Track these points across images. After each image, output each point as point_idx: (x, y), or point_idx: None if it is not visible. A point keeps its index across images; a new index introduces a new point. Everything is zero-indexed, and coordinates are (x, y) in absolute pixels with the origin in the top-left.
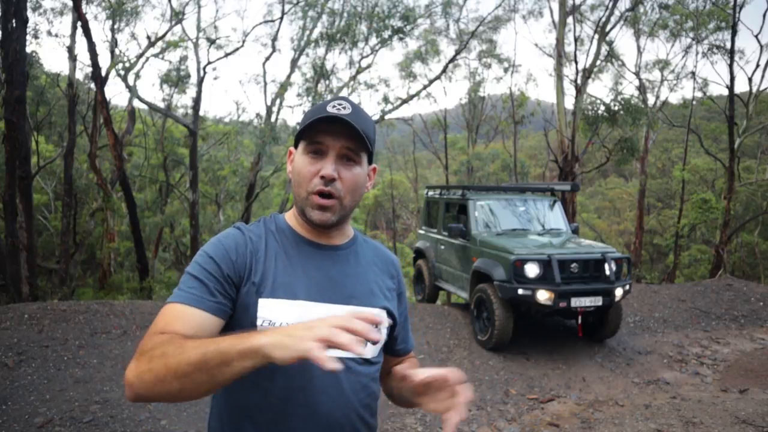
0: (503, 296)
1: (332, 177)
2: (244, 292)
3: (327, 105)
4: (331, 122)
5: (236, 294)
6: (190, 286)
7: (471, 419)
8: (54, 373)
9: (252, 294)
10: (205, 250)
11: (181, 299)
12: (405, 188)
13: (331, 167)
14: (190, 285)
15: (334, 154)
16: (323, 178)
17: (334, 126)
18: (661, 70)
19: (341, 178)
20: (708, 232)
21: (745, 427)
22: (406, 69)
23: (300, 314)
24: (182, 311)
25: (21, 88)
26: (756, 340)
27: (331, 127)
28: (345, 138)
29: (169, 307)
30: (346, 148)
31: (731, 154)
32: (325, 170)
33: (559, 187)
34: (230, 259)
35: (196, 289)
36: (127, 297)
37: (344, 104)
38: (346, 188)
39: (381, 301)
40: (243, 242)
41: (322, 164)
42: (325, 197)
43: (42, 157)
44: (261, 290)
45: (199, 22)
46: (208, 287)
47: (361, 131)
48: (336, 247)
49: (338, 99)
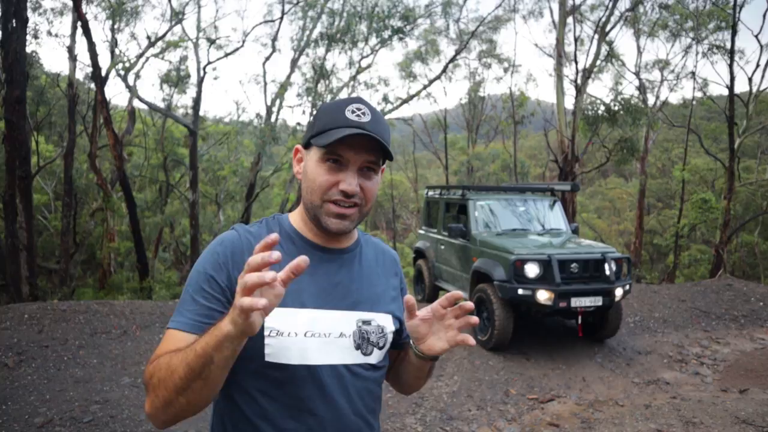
0: (503, 296)
1: (355, 192)
2: None
3: (345, 109)
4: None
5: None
6: (188, 308)
7: (471, 419)
8: (54, 373)
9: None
10: (202, 264)
11: (180, 326)
12: (405, 188)
13: (354, 183)
14: (189, 308)
15: (355, 168)
16: (344, 192)
17: (357, 138)
18: (661, 70)
19: (362, 189)
20: (708, 232)
21: (745, 427)
22: (406, 69)
23: (308, 322)
24: (181, 339)
25: (21, 88)
26: (756, 340)
27: (354, 140)
28: (367, 152)
29: (169, 333)
30: (368, 161)
31: (731, 154)
32: (349, 186)
33: (559, 187)
34: (227, 270)
35: (194, 313)
36: (127, 297)
37: (363, 109)
38: (367, 197)
39: (387, 306)
40: (240, 248)
41: (342, 176)
42: (344, 206)
43: (42, 157)
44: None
45: (199, 22)
46: (206, 309)
47: (384, 143)
48: (343, 251)
49: (356, 102)
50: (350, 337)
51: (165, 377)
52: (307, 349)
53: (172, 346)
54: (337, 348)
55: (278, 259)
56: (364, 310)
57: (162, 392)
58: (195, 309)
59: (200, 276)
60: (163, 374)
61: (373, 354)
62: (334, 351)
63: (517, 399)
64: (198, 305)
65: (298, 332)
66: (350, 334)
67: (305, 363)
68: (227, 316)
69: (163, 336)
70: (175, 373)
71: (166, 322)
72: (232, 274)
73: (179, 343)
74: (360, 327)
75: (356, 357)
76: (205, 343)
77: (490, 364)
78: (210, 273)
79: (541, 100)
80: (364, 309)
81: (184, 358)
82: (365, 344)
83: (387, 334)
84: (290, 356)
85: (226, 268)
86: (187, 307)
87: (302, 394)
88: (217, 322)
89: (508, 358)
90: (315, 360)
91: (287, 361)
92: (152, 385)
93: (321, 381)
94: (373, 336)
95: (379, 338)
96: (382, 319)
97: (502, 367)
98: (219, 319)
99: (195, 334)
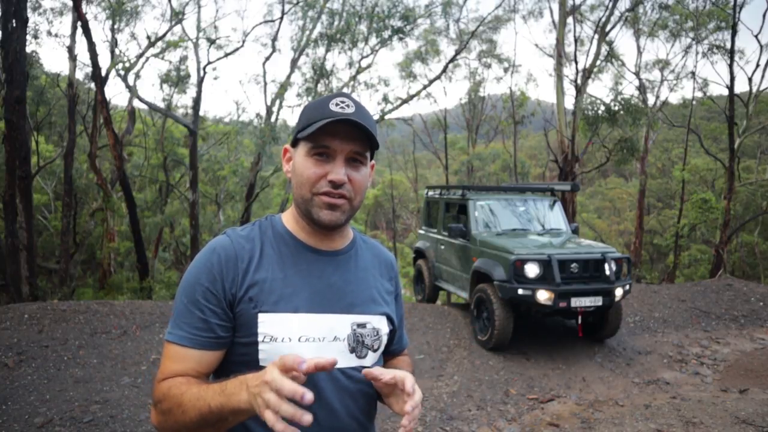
0: (503, 296)
1: (343, 182)
2: (240, 309)
3: (329, 103)
4: (337, 123)
5: (233, 311)
6: (185, 321)
7: (471, 419)
8: (54, 373)
9: (249, 310)
10: (195, 274)
11: (179, 340)
12: (405, 188)
13: (342, 172)
14: (185, 320)
15: (342, 157)
16: (332, 182)
17: (341, 127)
18: (661, 70)
19: (351, 181)
20: (708, 232)
21: (745, 427)
22: (406, 69)
23: (301, 327)
24: (180, 353)
25: (21, 88)
26: (756, 340)
27: (338, 129)
28: (353, 141)
29: (170, 348)
30: (354, 151)
31: (731, 154)
32: (337, 175)
33: (559, 187)
34: (221, 280)
35: (191, 326)
36: (127, 297)
37: (347, 102)
38: (356, 190)
39: (381, 308)
40: (233, 255)
41: (330, 167)
42: (334, 197)
43: (42, 157)
44: (259, 304)
45: (199, 22)
46: (203, 322)
47: (368, 129)
48: (337, 252)
49: (340, 96)
50: (344, 341)
51: (174, 411)
52: (301, 354)
53: (177, 365)
54: (331, 352)
55: (310, 400)
56: (359, 312)
57: (171, 422)
58: (192, 322)
59: (195, 288)
60: (173, 407)
61: (367, 357)
62: (329, 355)
63: (517, 399)
64: (194, 318)
65: (292, 337)
66: (344, 337)
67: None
68: (246, 391)
69: (163, 346)
70: (185, 414)
71: (166, 322)
72: (226, 284)
73: (183, 361)
74: (355, 330)
75: (351, 360)
76: (220, 404)
77: (490, 364)
78: (205, 285)
79: (541, 100)
80: (358, 312)
81: (197, 405)
82: (360, 347)
83: (382, 336)
84: None
85: (221, 278)
86: (183, 319)
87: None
88: (233, 384)
89: (508, 358)
90: None
91: None
92: (161, 410)
93: (316, 385)
94: (368, 339)
95: (374, 341)
96: (377, 322)
97: (502, 367)
98: (233, 375)
99: (195, 348)
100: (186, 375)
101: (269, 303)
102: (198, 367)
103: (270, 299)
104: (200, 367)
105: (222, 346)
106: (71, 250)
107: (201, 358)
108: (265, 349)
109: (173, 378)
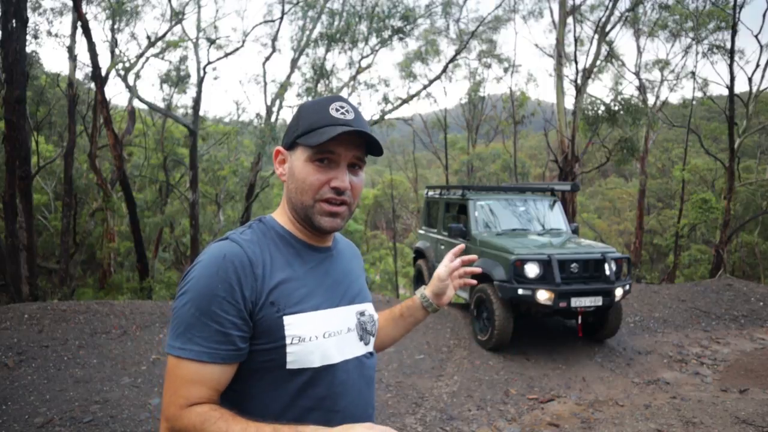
0: (503, 296)
1: (347, 189)
2: (262, 315)
3: (328, 107)
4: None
5: (253, 319)
6: (200, 335)
7: (471, 419)
8: (54, 373)
9: (272, 315)
10: (209, 286)
11: (196, 356)
12: (405, 188)
13: (346, 179)
14: (201, 334)
15: (345, 163)
16: (335, 189)
17: (347, 134)
18: (661, 70)
19: (351, 187)
20: (708, 232)
21: (745, 427)
22: (406, 69)
23: (324, 323)
24: (197, 371)
25: (21, 88)
26: (756, 340)
27: (343, 136)
28: (355, 147)
29: (184, 365)
30: (356, 157)
31: (731, 154)
32: (342, 183)
33: (559, 187)
34: (237, 287)
35: (209, 340)
36: (127, 297)
37: (346, 107)
38: (355, 195)
39: (369, 295)
40: (247, 261)
41: (333, 174)
42: (336, 204)
43: (42, 157)
44: (282, 308)
45: (199, 22)
46: (221, 335)
47: (375, 138)
48: (329, 249)
49: (338, 100)
50: (354, 330)
51: None
52: (327, 349)
53: (196, 387)
54: (348, 342)
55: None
56: (358, 302)
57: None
58: (208, 335)
59: (210, 299)
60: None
61: (370, 343)
62: (347, 346)
63: (517, 399)
64: (211, 331)
65: (318, 335)
66: (354, 327)
67: (327, 363)
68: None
69: (168, 363)
70: None
71: (166, 322)
72: (246, 292)
73: (202, 380)
74: (359, 319)
75: (361, 348)
76: None
77: (490, 364)
78: (221, 295)
79: (541, 100)
80: (359, 301)
81: None
82: (365, 334)
83: (376, 321)
84: (312, 359)
85: (239, 287)
86: (197, 333)
87: (323, 394)
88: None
89: (508, 358)
90: (335, 358)
91: (310, 364)
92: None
93: (344, 376)
94: (368, 325)
95: (373, 327)
96: (370, 308)
97: (502, 367)
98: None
99: (216, 364)
100: (211, 401)
101: (292, 305)
102: (218, 385)
103: (291, 301)
104: (219, 385)
105: (240, 358)
106: (71, 250)
107: (221, 374)
108: (293, 351)
109: (201, 406)
